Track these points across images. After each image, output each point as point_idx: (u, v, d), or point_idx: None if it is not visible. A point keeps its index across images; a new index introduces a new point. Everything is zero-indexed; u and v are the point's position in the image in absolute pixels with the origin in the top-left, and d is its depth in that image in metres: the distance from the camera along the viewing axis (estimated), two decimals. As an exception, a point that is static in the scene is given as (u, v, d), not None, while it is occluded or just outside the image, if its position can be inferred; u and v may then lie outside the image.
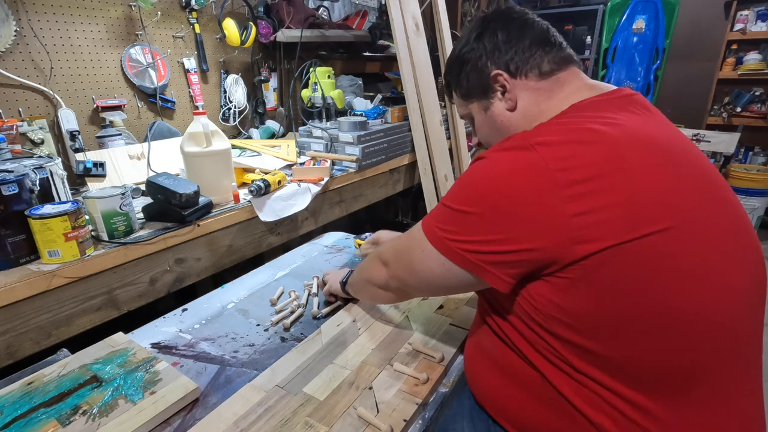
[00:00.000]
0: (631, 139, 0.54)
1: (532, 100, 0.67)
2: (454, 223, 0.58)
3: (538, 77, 0.67)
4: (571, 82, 0.66)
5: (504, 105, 0.69)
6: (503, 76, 0.67)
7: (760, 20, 3.17)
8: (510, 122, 0.69)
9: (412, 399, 0.68)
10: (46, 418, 0.65)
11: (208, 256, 1.20)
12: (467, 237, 0.57)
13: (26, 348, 0.89)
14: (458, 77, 0.74)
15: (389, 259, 0.73)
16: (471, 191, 0.57)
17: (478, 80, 0.70)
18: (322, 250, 1.31)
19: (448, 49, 2.08)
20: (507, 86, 0.68)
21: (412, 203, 3.00)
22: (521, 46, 0.67)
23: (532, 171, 0.52)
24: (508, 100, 0.68)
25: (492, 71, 0.68)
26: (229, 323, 0.93)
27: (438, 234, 0.60)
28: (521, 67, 0.67)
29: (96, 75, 1.50)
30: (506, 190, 0.53)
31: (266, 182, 1.29)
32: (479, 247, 0.56)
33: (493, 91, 0.69)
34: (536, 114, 0.66)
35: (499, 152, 0.57)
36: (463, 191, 0.59)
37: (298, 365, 0.77)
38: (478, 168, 0.58)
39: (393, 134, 1.85)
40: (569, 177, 0.51)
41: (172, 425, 0.67)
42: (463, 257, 0.57)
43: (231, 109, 1.92)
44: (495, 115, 0.70)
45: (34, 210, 0.90)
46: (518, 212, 0.53)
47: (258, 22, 1.84)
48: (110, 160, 1.36)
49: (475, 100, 0.73)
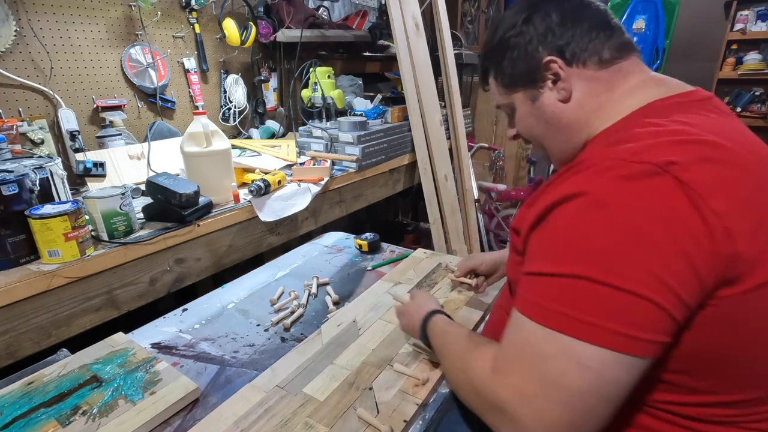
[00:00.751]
0: (747, 153, 0.48)
1: (590, 90, 0.59)
2: (602, 302, 0.43)
3: (598, 66, 0.59)
4: (635, 73, 0.59)
5: (555, 95, 0.61)
6: (557, 63, 0.59)
7: (760, 20, 3.17)
8: (563, 114, 0.61)
9: (412, 399, 0.68)
10: (46, 418, 0.65)
11: (208, 256, 1.20)
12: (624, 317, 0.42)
13: (26, 348, 0.89)
14: (500, 64, 0.65)
15: (525, 418, 0.45)
16: (601, 252, 0.43)
17: (526, 67, 0.62)
18: (322, 250, 1.31)
19: (448, 49, 2.08)
20: (561, 74, 0.60)
21: (412, 203, 3.00)
22: (579, 30, 0.59)
23: (678, 208, 0.42)
24: (561, 90, 0.60)
25: (544, 57, 0.60)
26: (229, 323, 0.93)
27: (587, 321, 0.43)
28: (579, 54, 0.59)
29: (96, 75, 1.50)
30: (648, 242, 0.42)
31: (266, 182, 1.29)
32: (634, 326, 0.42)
33: (543, 80, 0.61)
34: (594, 107, 0.59)
35: (615, 183, 0.44)
36: (588, 252, 0.44)
37: (298, 365, 0.77)
38: (592, 213, 0.44)
39: (393, 134, 1.85)
40: (718, 207, 0.42)
41: (172, 425, 0.67)
42: (630, 343, 0.42)
43: (231, 109, 1.92)
44: (544, 107, 0.62)
45: (34, 210, 0.90)
46: (669, 264, 0.41)
47: (258, 22, 1.84)
48: (110, 160, 1.36)
49: (520, 89, 0.65)
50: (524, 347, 0.47)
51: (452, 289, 1.02)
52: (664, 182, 0.43)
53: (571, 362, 0.43)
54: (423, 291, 0.91)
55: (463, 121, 2.21)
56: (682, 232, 0.41)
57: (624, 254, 0.42)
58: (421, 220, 2.90)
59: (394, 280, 1.07)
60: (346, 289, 1.07)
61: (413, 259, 1.18)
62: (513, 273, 0.63)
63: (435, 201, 2.02)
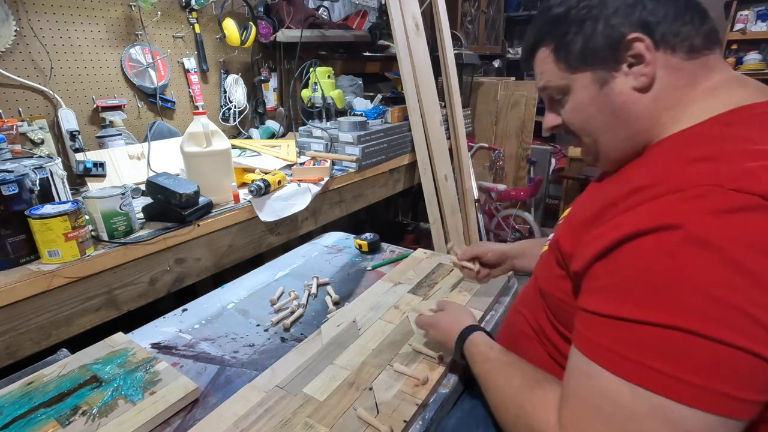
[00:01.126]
0: None
1: (670, 83, 0.50)
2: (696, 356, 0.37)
3: (687, 54, 0.50)
4: (719, 70, 0.51)
5: (631, 82, 0.51)
6: (644, 43, 0.49)
7: (760, 20, 3.17)
8: (636, 106, 0.51)
9: (412, 400, 0.68)
10: (45, 419, 0.65)
11: (208, 256, 1.20)
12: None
13: (26, 348, 0.89)
14: (565, 36, 0.54)
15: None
16: (701, 298, 0.37)
17: (604, 43, 0.51)
18: (322, 250, 1.31)
19: (448, 49, 2.08)
20: (645, 57, 0.50)
21: (412, 203, 3.00)
22: (674, 8, 0.50)
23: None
24: (640, 76, 0.50)
25: (628, 34, 0.50)
26: (229, 323, 0.93)
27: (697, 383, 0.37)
28: (669, 37, 0.49)
29: (96, 75, 1.50)
30: (757, 289, 0.36)
31: (266, 182, 1.29)
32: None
33: (619, 61, 0.51)
34: (670, 104, 0.50)
35: (714, 217, 0.38)
36: (686, 298, 0.37)
37: (298, 365, 0.77)
38: (690, 252, 0.38)
39: (393, 134, 1.85)
40: None
41: (172, 425, 0.67)
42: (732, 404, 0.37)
43: (231, 109, 1.92)
44: (615, 94, 0.52)
45: (34, 210, 0.90)
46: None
47: (258, 22, 1.84)
48: (110, 160, 1.36)
49: (588, 69, 0.53)
50: (601, 403, 0.41)
51: (452, 289, 1.02)
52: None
53: (665, 426, 0.37)
54: (454, 301, 0.85)
55: (463, 121, 2.21)
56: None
57: (728, 302, 0.36)
58: (421, 220, 2.90)
59: (394, 280, 1.07)
60: (346, 289, 1.07)
61: (413, 259, 1.18)
62: (549, 284, 0.58)
63: (435, 201, 2.02)
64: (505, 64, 4.16)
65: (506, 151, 2.87)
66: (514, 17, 4.11)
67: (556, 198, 3.41)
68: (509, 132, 2.85)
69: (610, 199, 0.47)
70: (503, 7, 3.94)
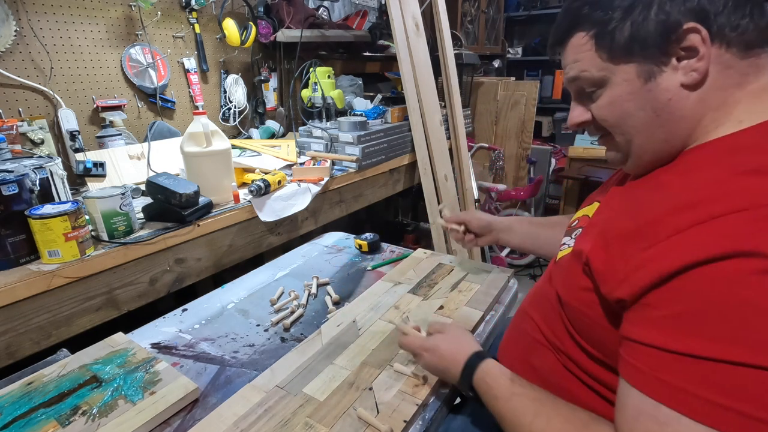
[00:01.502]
0: None
1: (719, 82, 0.46)
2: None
3: (743, 51, 0.45)
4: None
5: (680, 78, 0.46)
6: (701, 35, 0.45)
7: (761, 20, 3.17)
8: (681, 105, 0.47)
9: (412, 399, 0.68)
10: (45, 419, 0.65)
11: (208, 256, 1.20)
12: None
13: (26, 348, 0.89)
14: (609, 22, 0.48)
15: None
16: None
17: (656, 31, 0.46)
18: (322, 250, 1.31)
19: (449, 49, 2.08)
20: (700, 51, 0.45)
21: (412, 203, 3.00)
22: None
23: None
24: (691, 71, 0.46)
25: (685, 23, 0.45)
26: (229, 323, 0.93)
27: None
28: (726, 31, 0.44)
29: (96, 75, 1.50)
30: None
31: (266, 182, 1.29)
32: None
33: (671, 54, 0.46)
34: (718, 103, 0.46)
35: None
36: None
37: (297, 366, 0.77)
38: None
39: (393, 134, 1.85)
40: None
41: (172, 425, 0.67)
42: None
43: (231, 109, 1.92)
44: (660, 90, 0.47)
45: (34, 210, 0.90)
46: None
47: (258, 22, 1.84)
48: (110, 160, 1.36)
49: (633, 61, 0.48)
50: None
51: (452, 289, 1.02)
52: None
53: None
54: (448, 321, 0.79)
55: (463, 121, 2.21)
56: None
57: None
58: (421, 220, 2.90)
59: (394, 280, 1.07)
60: (346, 289, 1.07)
61: (413, 259, 1.18)
62: (571, 295, 0.53)
63: (435, 201, 2.02)
64: (505, 64, 4.15)
65: (506, 151, 2.87)
66: (514, 17, 4.10)
67: (556, 198, 3.40)
68: (509, 132, 2.85)
69: (653, 215, 0.43)
70: (503, 7, 3.94)
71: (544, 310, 0.62)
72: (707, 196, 0.40)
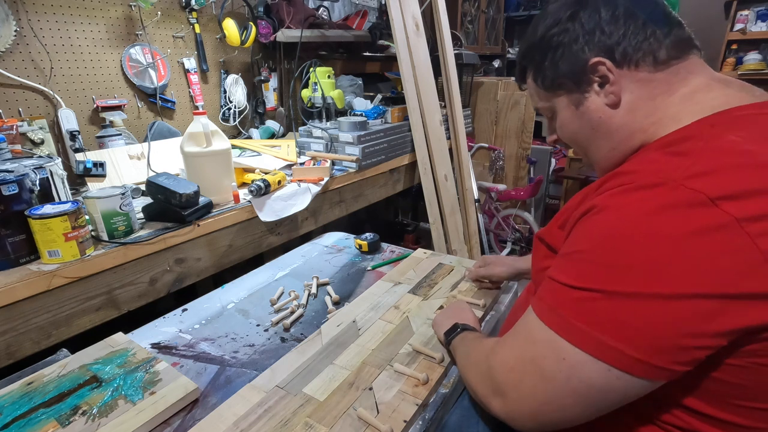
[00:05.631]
0: None
1: (644, 93, 0.54)
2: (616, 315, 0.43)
3: (653, 67, 0.53)
4: (697, 74, 0.54)
5: (603, 100, 0.56)
6: (605, 65, 0.54)
7: (760, 20, 3.17)
8: (611, 120, 0.56)
9: (412, 400, 0.68)
10: (45, 419, 0.65)
11: (208, 256, 1.20)
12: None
13: (26, 348, 0.89)
14: (541, 64, 0.60)
15: (506, 388, 0.51)
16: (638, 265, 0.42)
17: (570, 69, 0.57)
18: (322, 250, 1.31)
19: (449, 49, 2.08)
20: (609, 77, 0.54)
21: (412, 203, 3.00)
22: (632, 27, 0.53)
23: (725, 242, 0.39)
24: (609, 94, 0.55)
25: (591, 59, 0.54)
26: (229, 323, 0.93)
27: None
28: (631, 54, 0.53)
29: (96, 75, 1.50)
30: (690, 259, 0.40)
31: (266, 182, 1.29)
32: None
33: (588, 83, 0.56)
34: (650, 110, 0.54)
35: (654, 210, 0.42)
36: (623, 267, 0.43)
37: (297, 366, 0.77)
38: (623, 226, 0.43)
39: (393, 134, 1.85)
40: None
41: (172, 425, 0.67)
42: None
43: (231, 109, 1.92)
44: (590, 112, 0.57)
45: (34, 210, 0.90)
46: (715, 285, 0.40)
47: (258, 22, 1.84)
48: (110, 160, 1.36)
49: (563, 92, 0.59)
50: (520, 329, 0.53)
51: (452, 289, 1.02)
52: (710, 213, 0.40)
53: (553, 353, 0.47)
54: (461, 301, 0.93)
55: (463, 121, 2.21)
56: (722, 263, 0.40)
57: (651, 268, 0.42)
58: (421, 220, 2.90)
59: (394, 280, 1.07)
60: (346, 289, 1.07)
61: (413, 259, 1.18)
62: (538, 278, 0.63)
63: (435, 201, 2.02)
64: (505, 64, 4.15)
65: (506, 151, 2.87)
66: (514, 17, 4.11)
67: (556, 198, 3.41)
68: (509, 132, 2.84)
69: (597, 184, 0.53)
70: (503, 7, 3.94)
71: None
72: (631, 169, 0.49)
